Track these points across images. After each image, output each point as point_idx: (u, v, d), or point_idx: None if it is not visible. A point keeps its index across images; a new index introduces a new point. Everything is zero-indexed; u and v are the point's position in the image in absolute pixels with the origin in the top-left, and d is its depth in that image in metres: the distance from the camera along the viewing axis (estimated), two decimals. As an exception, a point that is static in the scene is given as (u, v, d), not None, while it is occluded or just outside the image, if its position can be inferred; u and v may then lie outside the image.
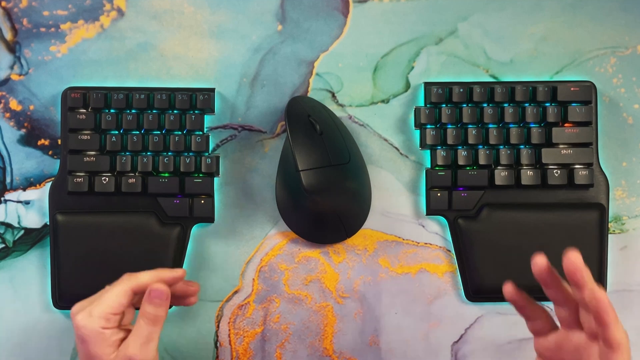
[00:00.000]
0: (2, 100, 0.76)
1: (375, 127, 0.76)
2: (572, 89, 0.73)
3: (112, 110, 0.73)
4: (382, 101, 0.76)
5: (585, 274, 0.55)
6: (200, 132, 0.74)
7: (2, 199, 0.75)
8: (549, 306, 0.75)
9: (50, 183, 0.74)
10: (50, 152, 0.75)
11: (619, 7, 0.76)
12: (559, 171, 0.73)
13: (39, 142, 0.75)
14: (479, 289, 0.73)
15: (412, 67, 0.76)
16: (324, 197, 0.66)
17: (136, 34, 0.76)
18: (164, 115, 0.73)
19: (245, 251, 0.75)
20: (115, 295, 0.62)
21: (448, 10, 0.77)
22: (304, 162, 0.67)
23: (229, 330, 0.75)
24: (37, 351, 0.74)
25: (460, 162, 0.73)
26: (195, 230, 0.74)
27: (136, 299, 0.63)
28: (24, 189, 0.75)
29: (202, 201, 0.73)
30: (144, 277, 0.63)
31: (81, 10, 0.76)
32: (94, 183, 0.72)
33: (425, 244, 0.75)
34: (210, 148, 0.75)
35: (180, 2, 0.76)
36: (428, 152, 0.75)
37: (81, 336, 0.61)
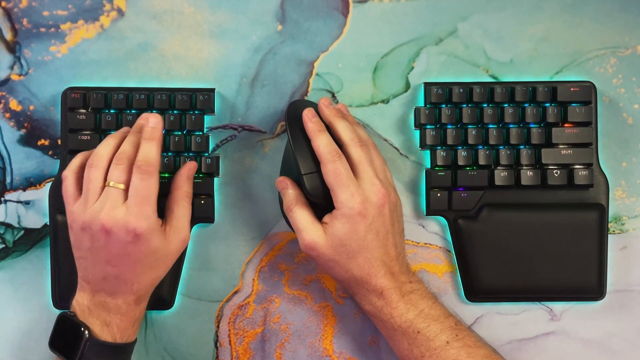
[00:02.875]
0: (2, 100, 0.76)
1: (375, 127, 0.76)
2: (572, 89, 0.73)
3: (112, 111, 0.73)
4: (382, 101, 0.76)
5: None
6: (200, 133, 0.74)
7: (2, 199, 0.75)
8: (549, 306, 0.75)
9: (50, 183, 0.74)
10: (50, 152, 0.75)
11: (619, 7, 0.76)
12: (558, 171, 0.73)
13: (39, 142, 0.75)
14: (479, 289, 0.73)
15: (412, 67, 0.76)
16: (327, 200, 0.66)
17: (136, 34, 0.76)
18: (164, 116, 0.73)
19: (245, 251, 0.75)
20: (153, 186, 0.64)
21: (448, 10, 0.77)
22: (307, 166, 0.67)
23: (229, 330, 0.75)
24: (37, 351, 0.74)
25: (460, 162, 0.73)
26: (195, 230, 0.74)
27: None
28: (24, 189, 0.75)
29: (202, 201, 0.73)
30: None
31: (81, 10, 0.76)
32: (94, 183, 0.72)
33: (425, 244, 0.75)
34: (210, 148, 0.75)
35: (180, 2, 0.76)
36: (428, 152, 0.75)
37: (140, 234, 0.63)
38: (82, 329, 0.64)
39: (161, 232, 0.65)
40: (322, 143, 0.66)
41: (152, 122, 0.66)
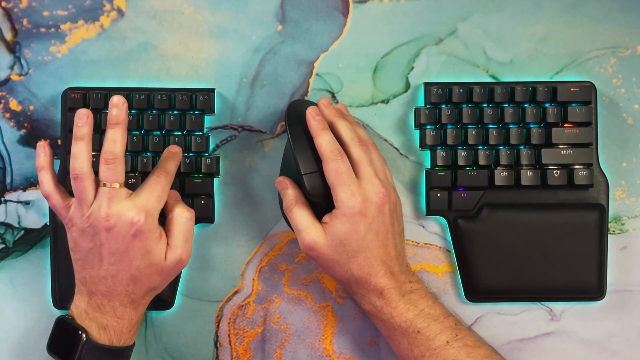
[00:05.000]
0: (2, 101, 0.76)
1: (375, 127, 0.76)
2: (572, 89, 0.73)
3: (112, 111, 0.73)
4: (382, 101, 0.76)
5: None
6: (200, 133, 0.74)
7: (2, 199, 0.75)
8: (549, 306, 0.75)
9: (50, 183, 0.74)
10: (50, 152, 0.75)
11: (619, 7, 0.76)
12: (558, 171, 0.73)
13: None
14: (479, 289, 0.73)
15: (412, 67, 0.76)
16: (326, 199, 0.66)
17: (136, 34, 0.76)
18: (164, 116, 0.73)
19: (245, 251, 0.75)
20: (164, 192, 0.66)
21: (448, 10, 0.77)
22: (306, 166, 0.67)
23: (229, 330, 0.75)
24: (37, 351, 0.74)
25: (460, 162, 0.73)
26: (195, 230, 0.74)
27: None
28: (24, 189, 0.75)
29: (202, 201, 0.73)
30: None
31: (81, 10, 0.76)
32: (94, 183, 0.72)
33: (425, 244, 0.76)
34: (210, 148, 0.75)
35: (180, 2, 0.76)
36: (428, 152, 0.75)
37: (139, 229, 0.63)
38: (80, 332, 0.64)
39: (158, 238, 0.64)
40: (324, 141, 0.66)
41: (115, 103, 0.65)
